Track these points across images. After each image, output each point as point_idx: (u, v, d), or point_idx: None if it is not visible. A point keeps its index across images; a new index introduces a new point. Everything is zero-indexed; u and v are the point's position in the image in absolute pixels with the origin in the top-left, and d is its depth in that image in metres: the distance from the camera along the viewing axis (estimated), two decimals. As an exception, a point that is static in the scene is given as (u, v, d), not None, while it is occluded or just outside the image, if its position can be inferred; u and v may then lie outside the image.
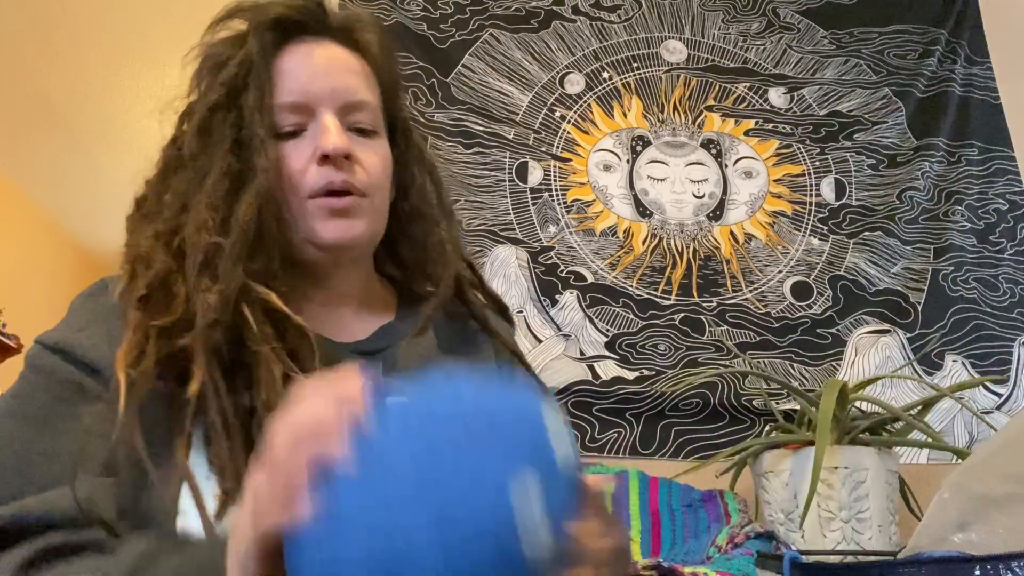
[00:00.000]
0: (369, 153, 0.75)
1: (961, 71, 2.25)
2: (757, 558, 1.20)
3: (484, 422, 0.37)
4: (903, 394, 1.87)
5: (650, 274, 1.96)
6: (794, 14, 2.29)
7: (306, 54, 0.75)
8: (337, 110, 0.73)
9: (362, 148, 0.74)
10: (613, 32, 2.21)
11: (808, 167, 2.13)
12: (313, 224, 0.72)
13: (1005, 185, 2.15)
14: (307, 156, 0.72)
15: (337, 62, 0.75)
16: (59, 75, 3.56)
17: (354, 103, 0.74)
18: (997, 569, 0.73)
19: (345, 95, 0.74)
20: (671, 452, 1.79)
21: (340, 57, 0.76)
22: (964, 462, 1.00)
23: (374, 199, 0.75)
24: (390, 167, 0.78)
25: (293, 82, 0.73)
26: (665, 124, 2.13)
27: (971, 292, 2.03)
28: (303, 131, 0.73)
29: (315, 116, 0.73)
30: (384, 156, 0.77)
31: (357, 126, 0.75)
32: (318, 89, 0.73)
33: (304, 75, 0.73)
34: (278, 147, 0.72)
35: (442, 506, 0.33)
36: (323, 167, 0.71)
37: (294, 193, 0.72)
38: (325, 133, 0.71)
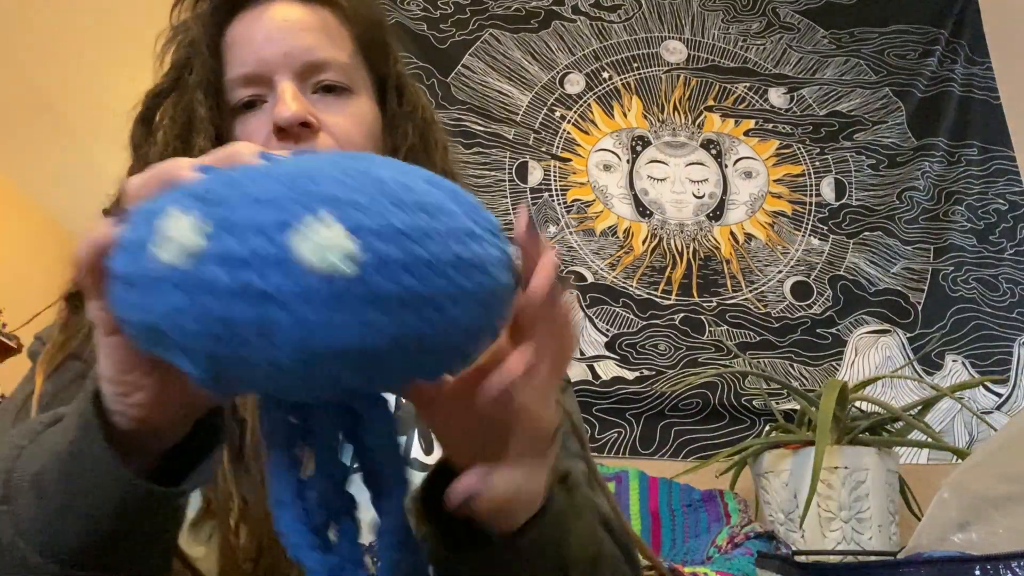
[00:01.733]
0: (338, 115, 0.66)
1: (961, 71, 2.25)
2: (757, 558, 1.20)
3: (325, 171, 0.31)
4: (903, 394, 1.87)
5: (650, 274, 1.96)
6: (794, 14, 2.29)
7: (257, 19, 0.67)
8: (295, 74, 0.66)
9: (330, 110, 0.66)
10: (613, 32, 2.21)
11: (808, 167, 2.12)
12: None
13: (1005, 185, 2.15)
14: (267, 129, 0.65)
15: (291, 21, 0.67)
16: (59, 75, 3.56)
17: (315, 63, 0.66)
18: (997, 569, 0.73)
19: (302, 56, 0.66)
20: (671, 452, 1.79)
21: (294, 15, 0.68)
22: (964, 462, 1.00)
23: None
24: (372, 126, 0.70)
25: (244, 51, 0.66)
26: (665, 124, 2.13)
27: (971, 292, 2.03)
28: (264, 103, 0.66)
29: (272, 84, 0.66)
30: (360, 115, 0.69)
31: (324, 84, 0.67)
32: (270, 55, 0.65)
33: (255, 42, 0.66)
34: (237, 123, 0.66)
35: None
36: (282, 140, 0.64)
37: None
38: (279, 102, 0.63)
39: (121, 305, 0.33)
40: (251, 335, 0.29)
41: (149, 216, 0.31)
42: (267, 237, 0.29)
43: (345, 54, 0.69)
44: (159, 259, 0.30)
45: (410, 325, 0.30)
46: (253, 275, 0.28)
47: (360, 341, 0.29)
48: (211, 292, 0.29)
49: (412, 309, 0.30)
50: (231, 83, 0.66)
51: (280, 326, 0.29)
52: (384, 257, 0.29)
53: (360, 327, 0.29)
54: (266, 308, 0.28)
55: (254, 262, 0.28)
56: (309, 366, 0.30)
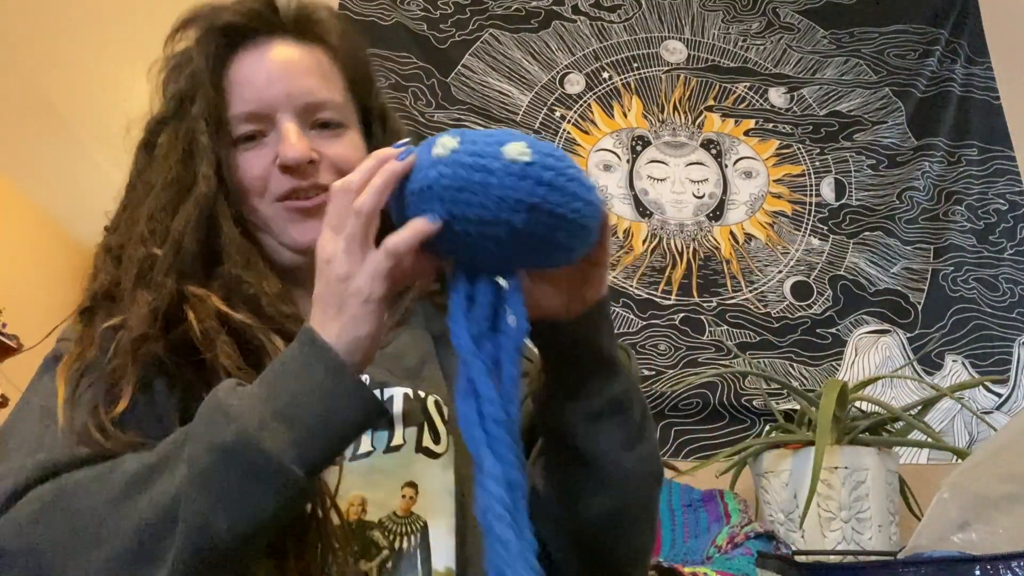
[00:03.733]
0: (337, 147, 0.73)
1: (961, 71, 2.25)
2: (757, 558, 1.20)
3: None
4: (903, 394, 1.87)
5: (650, 274, 1.96)
6: (794, 14, 2.29)
7: (258, 60, 0.73)
8: (296, 113, 0.72)
9: (328, 144, 0.73)
10: (613, 32, 2.21)
11: (808, 167, 2.13)
12: (286, 228, 0.72)
13: (1005, 185, 2.15)
14: (269, 161, 0.71)
15: (292, 64, 0.73)
16: (59, 76, 3.56)
17: (314, 103, 0.73)
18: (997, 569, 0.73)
19: (303, 97, 0.72)
20: (671, 452, 1.79)
21: (295, 57, 0.74)
22: (964, 462, 1.00)
23: None
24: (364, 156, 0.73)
25: (248, 90, 0.72)
26: (665, 124, 2.13)
27: (971, 292, 2.03)
28: (264, 136, 0.72)
29: (275, 122, 0.71)
30: (355, 147, 0.75)
31: (321, 121, 0.73)
32: (274, 96, 0.71)
33: (258, 82, 0.72)
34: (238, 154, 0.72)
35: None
36: (286, 175, 0.71)
37: (260, 198, 0.72)
38: (285, 142, 0.70)
39: (411, 183, 0.52)
40: (474, 188, 0.49)
41: (425, 146, 0.53)
42: (492, 143, 0.50)
43: (339, 93, 0.76)
44: (434, 153, 0.51)
45: (550, 201, 0.49)
46: (481, 159, 0.49)
47: (528, 198, 0.49)
48: (460, 165, 0.49)
49: (557, 191, 0.49)
50: (234, 118, 0.72)
51: (490, 184, 0.49)
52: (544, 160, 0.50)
53: (528, 193, 0.49)
54: (486, 174, 0.49)
55: (483, 153, 0.50)
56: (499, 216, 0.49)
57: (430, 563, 0.63)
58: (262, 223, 0.72)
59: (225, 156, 0.71)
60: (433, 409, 0.68)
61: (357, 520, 0.63)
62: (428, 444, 0.67)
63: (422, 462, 0.66)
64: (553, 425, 0.65)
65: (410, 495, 0.65)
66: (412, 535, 0.64)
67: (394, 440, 0.66)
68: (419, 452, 0.66)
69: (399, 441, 0.66)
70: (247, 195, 0.72)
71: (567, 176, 0.50)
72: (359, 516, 0.63)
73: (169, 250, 0.66)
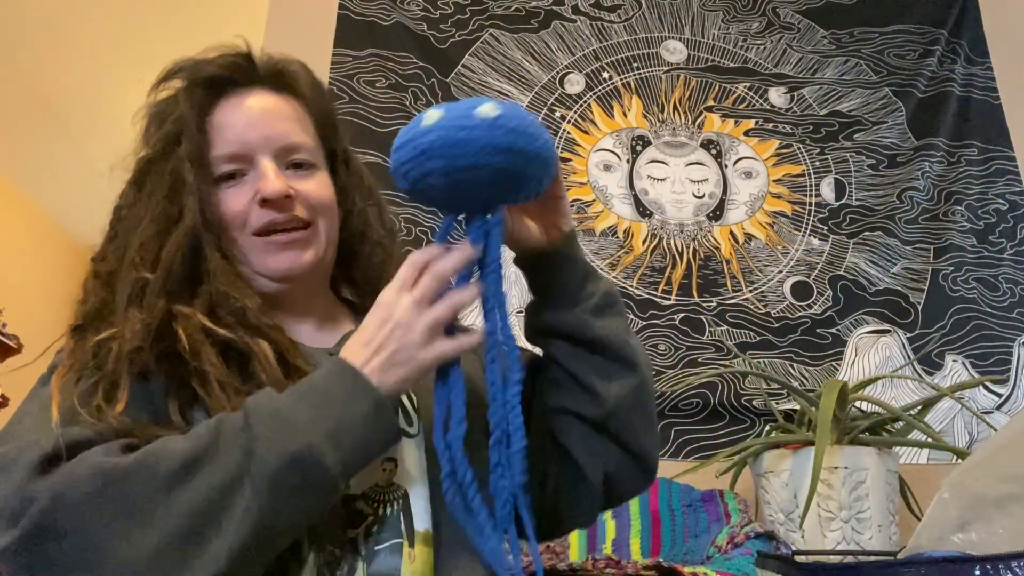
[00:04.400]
0: (309, 184, 0.82)
1: (961, 71, 2.25)
2: (757, 558, 1.20)
3: None
4: (903, 394, 1.87)
5: (650, 274, 1.96)
6: (794, 14, 2.29)
7: (239, 107, 0.82)
8: (274, 154, 0.80)
9: (302, 182, 0.82)
10: (613, 32, 2.21)
11: (808, 167, 2.13)
12: (264, 259, 0.80)
13: (1005, 185, 2.15)
14: (248, 197, 0.79)
15: (269, 111, 0.82)
16: (58, 76, 3.56)
17: (288, 146, 0.82)
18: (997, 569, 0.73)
19: (279, 140, 0.81)
20: (671, 452, 1.79)
21: (272, 104, 0.83)
22: (964, 462, 1.00)
23: (320, 227, 0.83)
24: (332, 195, 0.86)
25: (230, 134, 0.80)
26: (665, 124, 2.13)
27: (971, 292, 2.03)
28: (244, 175, 0.80)
29: (254, 163, 0.80)
30: (324, 185, 0.84)
31: (295, 162, 0.82)
32: (253, 139, 0.80)
33: (239, 127, 0.80)
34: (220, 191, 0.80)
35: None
36: (264, 208, 0.79)
37: (240, 231, 0.79)
38: (264, 179, 0.79)
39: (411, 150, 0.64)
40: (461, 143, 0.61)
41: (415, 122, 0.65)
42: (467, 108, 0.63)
43: (310, 137, 0.85)
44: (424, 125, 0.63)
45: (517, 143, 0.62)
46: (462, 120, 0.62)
47: (502, 142, 0.62)
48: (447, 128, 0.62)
49: (518, 135, 0.63)
50: (217, 158, 0.80)
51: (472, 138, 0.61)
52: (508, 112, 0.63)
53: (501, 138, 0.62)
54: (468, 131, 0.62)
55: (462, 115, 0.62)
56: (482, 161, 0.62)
57: (412, 525, 0.71)
58: (241, 254, 0.80)
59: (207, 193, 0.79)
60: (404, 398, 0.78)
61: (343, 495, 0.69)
62: (404, 427, 0.76)
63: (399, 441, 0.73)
64: (565, 331, 0.78)
65: (390, 468, 0.73)
66: (394, 502, 0.71)
67: None
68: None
69: None
70: (228, 228, 0.79)
71: (527, 123, 0.63)
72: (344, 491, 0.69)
73: (160, 274, 0.74)
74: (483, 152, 0.61)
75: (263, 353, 0.71)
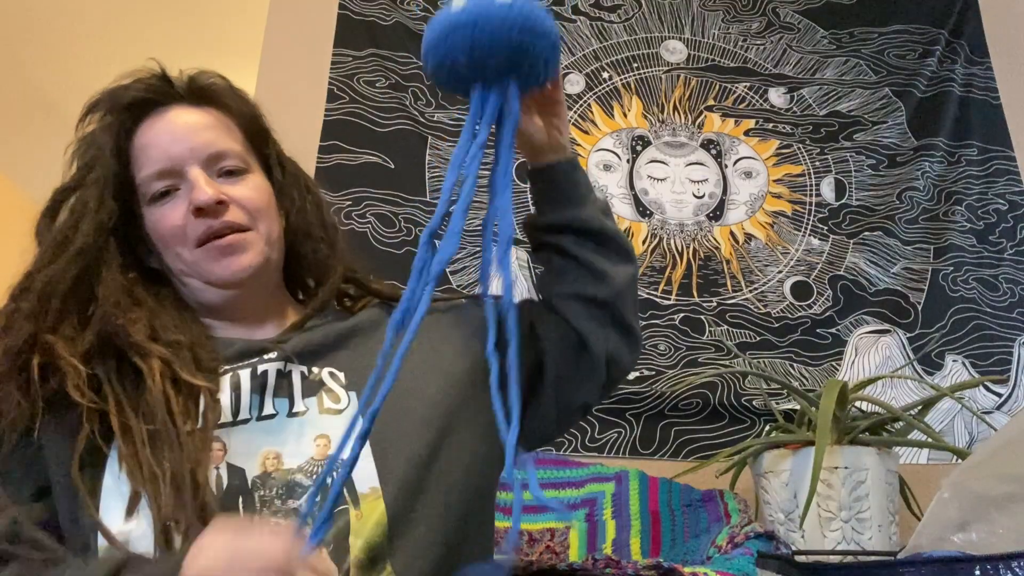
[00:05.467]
0: (242, 189, 0.84)
1: (961, 71, 2.25)
2: (757, 558, 1.20)
3: None
4: (903, 394, 1.87)
5: (650, 274, 1.96)
6: (794, 14, 2.29)
7: (161, 124, 0.83)
8: (201, 164, 0.82)
9: (234, 187, 0.83)
10: (613, 32, 2.21)
11: (808, 167, 2.12)
12: (207, 267, 0.82)
13: (1005, 185, 2.15)
14: (183, 210, 0.81)
15: (192, 123, 0.84)
16: (58, 75, 3.56)
17: (216, 153, 0.83)
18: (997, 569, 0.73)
19: (205, 149, 0.82)
20: (671, 452, 1.79)
21: (193, 118, 0.84)
22: (964, 462, 1.00)
23: (259, 229, 0.84)
24: (269, 196, 0.87)
25: (155, 152, 0.82)
26: (665, 124, 2.13)
27: (971, 292, 2.03)
28: (177, 190, 0.82)
29: (184, 175, 0.81)
30: (258, 188, 0.86)
31: (225, 170, 0.84)
32: (178, 152, 0.81)
33: (164, 143, 0.82)
34: (156, 210, 0.82)
35: None
36: (200, 218, 0.80)
37: (183, 245, 0.81)
38: (195, 188, 0.80)
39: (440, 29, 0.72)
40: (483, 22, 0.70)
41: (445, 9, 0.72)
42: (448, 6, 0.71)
43: (237, 143, 0.86)
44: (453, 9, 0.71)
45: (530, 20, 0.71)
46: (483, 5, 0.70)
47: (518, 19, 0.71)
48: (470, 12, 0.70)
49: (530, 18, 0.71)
50: (147, 178, 0.82)
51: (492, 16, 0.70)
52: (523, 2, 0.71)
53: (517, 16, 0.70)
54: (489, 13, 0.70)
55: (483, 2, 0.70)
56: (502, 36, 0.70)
57: (355, 489, 0.71)
58: (188, 268, 0.82)
59: (146, 216, 0.82)
60: (328, 379, 0.79)
61: (275, 469, 0.72)
62: (329, 406, 0.77)
63: (328, 419, 0.76)
64: (575, 224, 0.87)
65: (324, 443, 0.75)
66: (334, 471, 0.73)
67: (295, 408, 0.76)
68: (323, 414, 0.76)
69: (301, 408, 0.76)
70: (170, 244, 0.82)
71: (537, 7, 0.72)
72: (276, 467, 0.72)
73: (32, 300, 0.75)
74: (503, 25, 0.70)
75: (152, 372, 0.71)
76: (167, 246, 0.82)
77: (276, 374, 0.78)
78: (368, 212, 1.91)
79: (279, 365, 0.79)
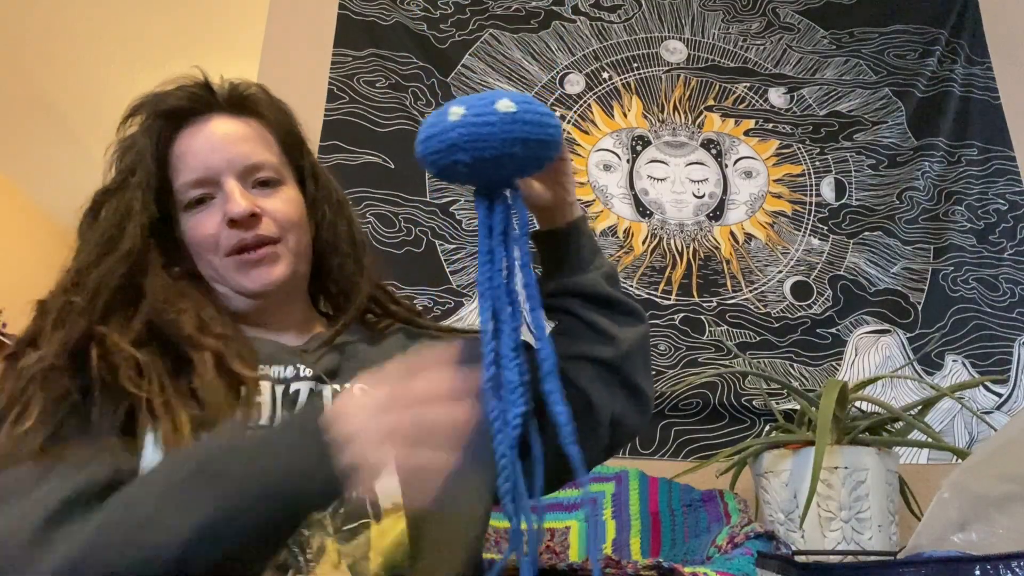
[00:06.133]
0: (275, 201, 0.85)
1: (961, 71, 2.25)
2: (757, 558, 1.20)
3: None
4: (903, 394, 1.87)
5: (650, 274, 1.96)
6: (794, 14, 2.29)
7: (200, 134, 0.85)
8: (237, 175, 0.83)
9: (268, 199, 0.85)
10: (613, 32, 2.21)
11: (808, 167, 2.12)
12: (237, 278, 0.84)
13: (1005, 185, 2.15)
14: (218, 220, 0.83)
15: (230, 134, 0.85)
16: (58, 75, 3.56)
17: (251, 165, 0.85)
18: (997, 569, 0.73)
19: (242, 161, 0.84)
20: (671, 452, 1.79)
21: (232, 129, 0.86)
22: (964, 462, 1.00)
23: (289, 242, 0.86)
24: (301, 209, 0.89)
25: (193, 160, 0.83)
26: (665, 124, 2.13)
27: (971, 292, 2.03)
28: (212, 199, 0.84)
29: (220, 185, 0.83)
30: (292, 200, 0.87)
31: (260, 180, 0.85)
32: (216, 163, 0.83)
33: (202, 153, 0.83)
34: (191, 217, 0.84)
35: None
36: (233, 229, 0.82)
37: (214, 253, 0.83)
38: (230, 200, 0.82)
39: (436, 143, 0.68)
40: (485, 136, 0.66)
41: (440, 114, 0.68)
42: (487, 104, 0.67)
43: (274, 155, 0.88)
44: (450, 120, 0.67)
45: (533, 133, 0.67)
46: (484, 116, 0.66)
47: (521, 134, 0.67)
48: (471, 124, 0.66)
49: (534, 127, 0.67)
50: (184, 186, 0.83)
51: (494, 132, 0.66)
52: (524, 107, 0.67)
53: (520, 131, 0.66)
54: (490, 126, 0.66)
55: (484, 112, 0.66)
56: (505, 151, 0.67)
57: (378, 504, 0.72)
58: (217, 275, 0.84)
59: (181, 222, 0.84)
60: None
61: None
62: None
63: None
64: (581, 290, 0.87)
65: None
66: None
67: None
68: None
69: None
70: (202, 251, 0.84)
71: (541, 114, 0.70)
72: None
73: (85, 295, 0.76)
74: (505, 144, 0.68)
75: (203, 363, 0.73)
76: (199, 253, 0.84)
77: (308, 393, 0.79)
78: (368, 212, 1.91)
79: (311, 384, 0.80)
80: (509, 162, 0.69)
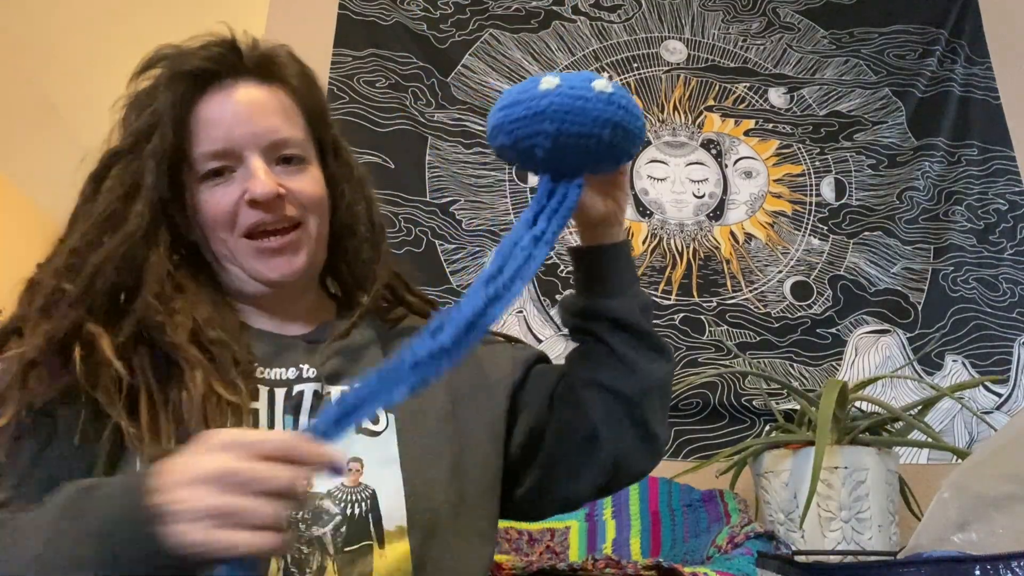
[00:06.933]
0: (299, 181, 0.79)
1: (961, 71, 2.25)
2: (757, 558, 1.20)
3: None
4: (903, 394, 1.87)
5: (650, 274, 1.96)
6: (794, 14, 2.29)
7: (224, 101, 0.77)
8: (262, 151, 0.77)
9: (292, 179, 0.78)
10: (613, 32, 2.21)
11: (808, 167, 2.12)
12: (254, 265, 0.78)
13: (1005, 185, 2.15)
14: (236, 196, 0.76)
15: (256, 104, 0.78)
16: (59, 76, 3.56)
17: (278, 141, 0.78)
18: (997, 569, 0.73)
19: (268, 136, 0.77)
20: (671, 452, 1.79)
21: (259, 98, 0.79)
22: (964, 462, 1.00)
23: (309, 225, 0.80)
24: (323, 191, 0.83)
25: (215, 131, 0.76)
26: (665, 124, 2.13)
27: (971, 292, 2.03)
28: (231, 172, 0.77)
29: (242, 160, 0.76)
30: (316, 180, 0.81)
31: (285, 157, 0.79)
32: (240, 135, 0.76)
33: (225, 122, 0.76)
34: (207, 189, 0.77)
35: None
36: (253, 209, 0.76)
37: (229, 231, 0.77)
38: (254, 179, 0.75)
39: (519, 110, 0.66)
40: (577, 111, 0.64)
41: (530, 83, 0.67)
42: (584, 80, 0.65)
43: (300, 130, 0.81)
44: (541, 88, 0.65)
45: (624, 119, 0.65)
46: (580, 91, 0.65)
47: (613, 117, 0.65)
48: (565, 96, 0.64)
49: (627, 113, 0.65)
50: (202, 155, 0.76)
51: (588, 108, 0.64)
52: (620, 91, 0.66)
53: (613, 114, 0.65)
54: (584, 101, 0.64)
55: (580, 87, 0.65)
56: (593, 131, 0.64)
57: (381, 525, 0.69)
58: (231, 255, 0.78)
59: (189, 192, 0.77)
60: None
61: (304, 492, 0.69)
62: (367, 426, 0.74)
63: (363, 441, 0.73)
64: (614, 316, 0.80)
65: (356, 468, 0.71)
66: (362, 502, 0.70)
67: None
68: (359, 433, 0.73)
69: None
70: (216, 228, 0.77)
71: (633, 103, 0.67)
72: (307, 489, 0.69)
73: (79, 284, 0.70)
74: (596, 124, 0.64)
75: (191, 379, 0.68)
76: (213, 229, 0.77)
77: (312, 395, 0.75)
78: (368, 212, 1.91)
79: (316, 386, 0.76)
80: (591, 146, 0.65)
